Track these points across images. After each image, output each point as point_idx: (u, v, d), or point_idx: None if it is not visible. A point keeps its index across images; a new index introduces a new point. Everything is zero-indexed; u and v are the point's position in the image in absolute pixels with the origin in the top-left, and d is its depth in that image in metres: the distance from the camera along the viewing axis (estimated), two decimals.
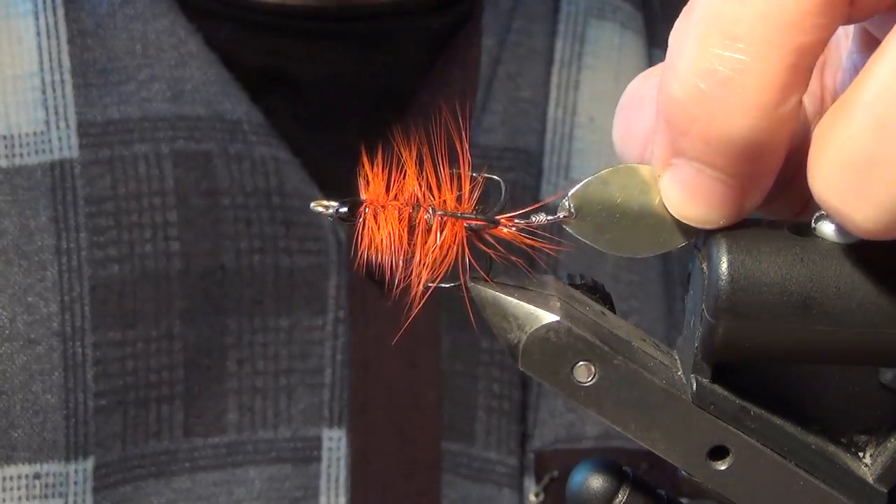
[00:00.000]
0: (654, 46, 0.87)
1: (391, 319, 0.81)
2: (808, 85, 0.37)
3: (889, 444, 0.42)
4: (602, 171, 0.42)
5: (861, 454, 0.43)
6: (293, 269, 0.80)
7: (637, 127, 0.44)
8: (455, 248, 0.44)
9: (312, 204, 0.45)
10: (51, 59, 0.78)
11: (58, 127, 0.78)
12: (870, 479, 0.42)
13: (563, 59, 0.85)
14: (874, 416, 0.42)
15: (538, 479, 0.81)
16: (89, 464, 0.77)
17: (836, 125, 0.35)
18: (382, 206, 0.44)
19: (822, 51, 0.37)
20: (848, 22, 0.37)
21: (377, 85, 0.83)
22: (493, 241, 0.44)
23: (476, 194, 0.44)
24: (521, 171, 0.82)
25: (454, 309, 0.81)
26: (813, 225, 0.40)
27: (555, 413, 0.82)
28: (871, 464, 0.43)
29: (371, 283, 0.81)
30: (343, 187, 0.47)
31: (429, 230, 0.44)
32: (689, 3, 0.37)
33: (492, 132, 0.82)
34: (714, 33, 0.36)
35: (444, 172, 0.44)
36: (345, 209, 0.45)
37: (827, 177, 0.35)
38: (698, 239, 0.42)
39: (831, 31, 0.37)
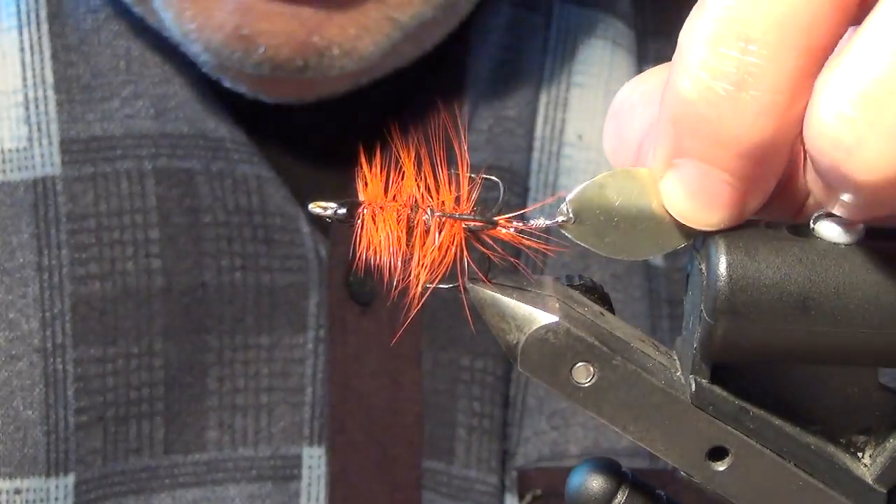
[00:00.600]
0: (645, 63, 0.87)
1: (372, 338, 0.80)
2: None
3: (888, 445, 0.42)
4: (598, 176, 0.42)
5: (860, 454, 0.43)
6: (274, 288, 0.79)
7: (628, 134, 0.44)
8: (454, 249, 0.43)
9: (311, 205, 0.45)
10: (34, 75, 0.77)
11: (40, 143, 0.77)
12: (869, 480, 0.42)
13: (552, 77, 0.84)
14: (873, 417, 0.42)
15: (521, 497, 0.80)
16: (70, 480, 0.75)
17: (837, 67, 0.35)
18: (381, 208, 0.44)
19: (832, 52, 0.37)
20: (856, 23, 0.37)
21: (362, 105, 0.82)
22: (491, 243, 0.44)
23: (474, 195, 0.44)
24: (505, 190, 0.81)
25: (436, 327, 0.80)
26: (811, 225, 0.40)
27: (538, 431, 0.81)
28: (871, 464, 0.42)
29: (352, 301, 0.80)
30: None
31: (427, 231, 0.43)
32: (699, 2, 0.37)
33: (476, 151, 0.81)
34: (727, 35, 0.36)
35: (443, 174, 0.44)
36: (343, 210, 0.44)
37: (826, 119, 0.35)
38: (697, 240, 0.41)
39: (842, 33, 0.37)
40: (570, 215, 0.42)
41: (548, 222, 0.43)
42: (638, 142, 0.43)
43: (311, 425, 0.80)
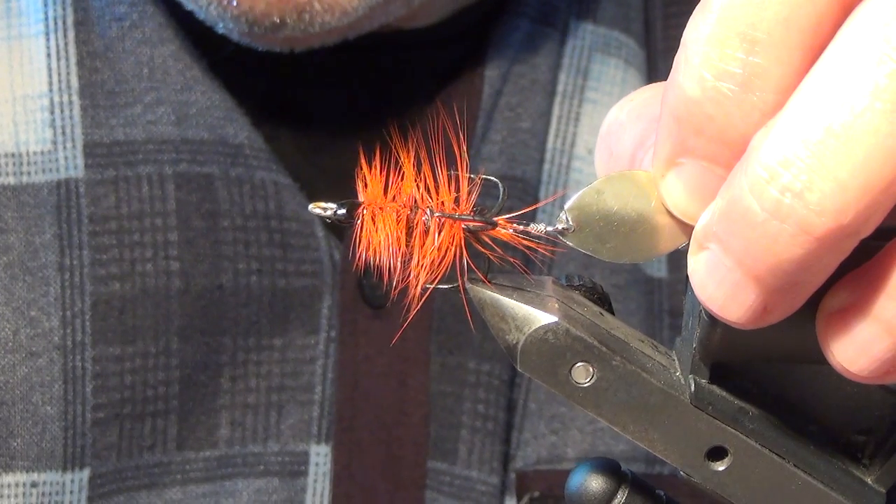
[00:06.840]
0: (655, 82, 0.85)
1: (382, 340, 0.78)
2: None
3: (887, 445, 0.40)
4: (595, 181, 0.40)
5: (859, 454, 0.41)
6: (289, 291, 0.78)
7: (619, 151, 0.42)
8: (453, 249, 0.42)
9: (311, 206, 0.43)
10: (60, 80, 0.76)
11: (64, 147, 0.76)
12: (868, 480, 0.40)
13: (565, 91, 0.82)
14: (873, 417, 0.41)
15: (518, 499, 0.78)
16: (85, 474, 0.74)
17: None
18: (380, 208, 0.42)
19: None
20: None
21: (379, 114, 0.80)
22: (490, 243, 0.42)
23: (474, 196, 0.42)
24: (517, 200, 0.80)
25: (445, 331, 0.79)
26: None
27: (537, 434, 0.79)
28: (870, 464, 0.41)
29: (364, 304, 0.79)
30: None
31: (427, 231, 0.42)
32: (702, 2, 0.36)
33: (490, 161, 0.80)
34: (732, 36, 0.35)
35: (442, 174, 0.42)
36: (343, 211, 0.43)
37: None
38: None
39: None
40: (570, 224, 0.40)
41: (548, 228, 0.41)
42: (630, 156, 0.42)
43: (318, 423, 0.78)
